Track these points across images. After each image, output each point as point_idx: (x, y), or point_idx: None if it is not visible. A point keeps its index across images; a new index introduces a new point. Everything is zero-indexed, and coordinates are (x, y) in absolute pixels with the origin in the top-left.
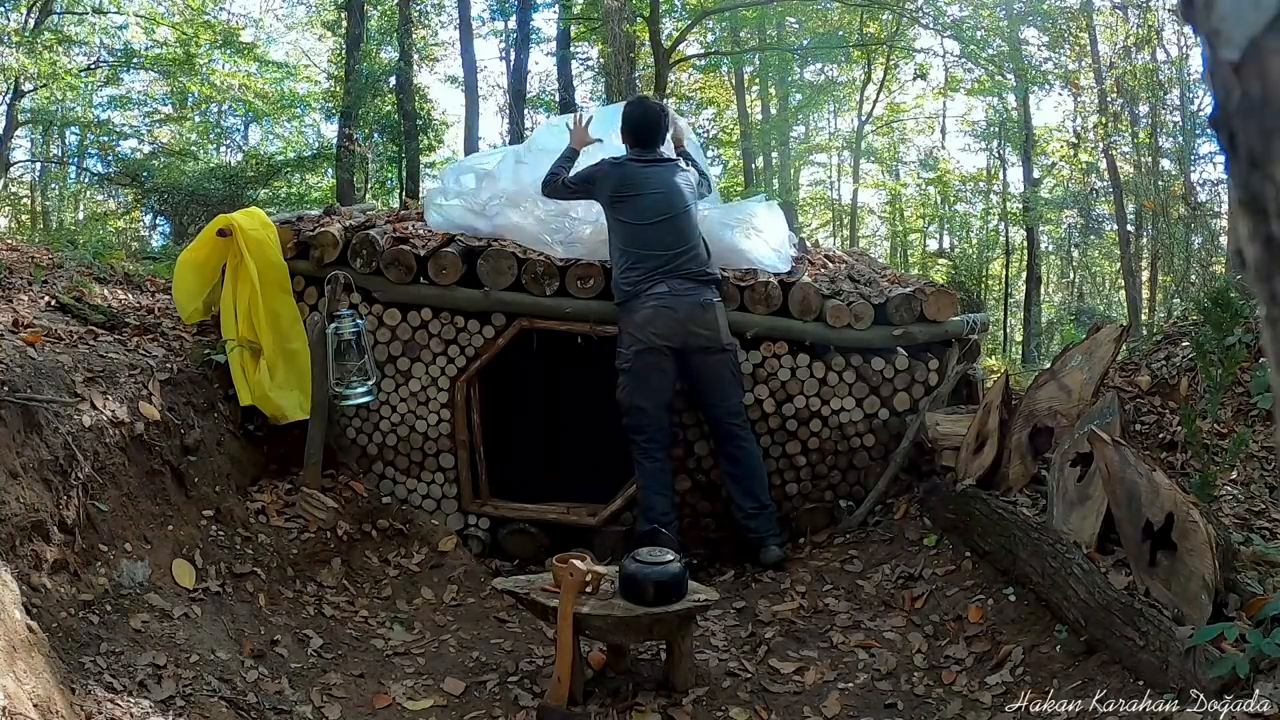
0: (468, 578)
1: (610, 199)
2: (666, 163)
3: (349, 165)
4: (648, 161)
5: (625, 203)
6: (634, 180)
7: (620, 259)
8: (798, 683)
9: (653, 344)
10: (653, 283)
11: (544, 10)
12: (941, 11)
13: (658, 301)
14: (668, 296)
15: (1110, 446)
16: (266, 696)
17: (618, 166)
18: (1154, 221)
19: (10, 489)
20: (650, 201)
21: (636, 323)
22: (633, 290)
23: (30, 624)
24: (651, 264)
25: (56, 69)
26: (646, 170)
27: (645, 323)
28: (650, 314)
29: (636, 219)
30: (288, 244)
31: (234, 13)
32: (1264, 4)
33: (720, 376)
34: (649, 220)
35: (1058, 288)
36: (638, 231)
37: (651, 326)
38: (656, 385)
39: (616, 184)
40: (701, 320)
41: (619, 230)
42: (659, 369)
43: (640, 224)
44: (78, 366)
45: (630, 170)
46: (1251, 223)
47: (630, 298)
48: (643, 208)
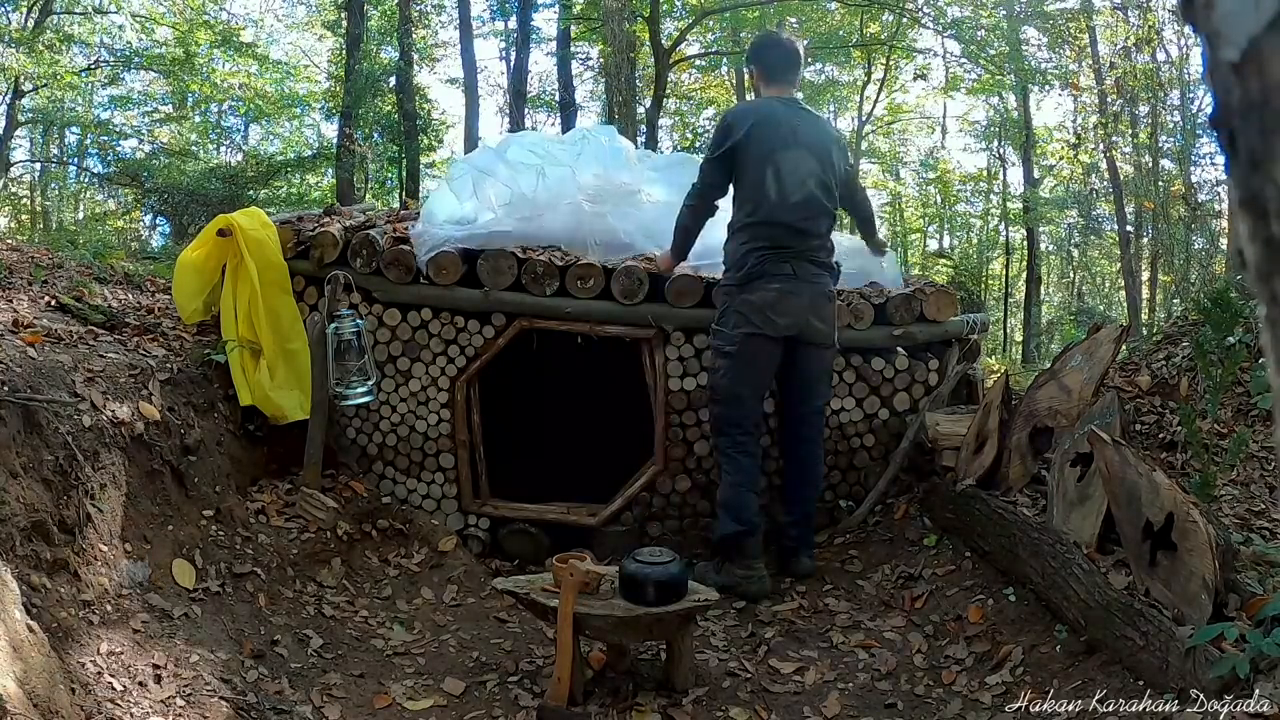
0: (468, 578)
1: (743, 143)
2: (816, 116)
3: (349, 165)
4: (791, 105)
5: (761, 156)
6: (776, 126)
7: (742, 231)
8: (798, 683)
9: (768, 330)
10: (778, 263)
11: (544, 10)
12: (942, 12)
13: (782, 285)
14: (793, 280)
15: (1110, 446)
16: (266, 696)
17: (754, 108)
18: (1154, 221)
19: (10, 489)
20: (794, 163)
21: (754, 304)
22: (757, 269)
23: (30, 624)
24: (781, 242)
25: (56, 69)
26: (794, 115)
27: (766, 306)
28: (773, 297)
29: (773, 182)
30: (288, 244)
31: (234, 13)
32: (1264, 4)
33: (820, 375)
34: (785, 189)
35: (1058, 288)
36: (772, 200)
37: (773, 310)
38: (762, 373)
39: (755, 127)
40: (823, 312)
41: (746, 190)
42: (768, 356)
43: (776, 191)
44: (78, 366)
45: (774, 113)
46: (1251, 223)
47: (750, 278)
48: (784, 169)
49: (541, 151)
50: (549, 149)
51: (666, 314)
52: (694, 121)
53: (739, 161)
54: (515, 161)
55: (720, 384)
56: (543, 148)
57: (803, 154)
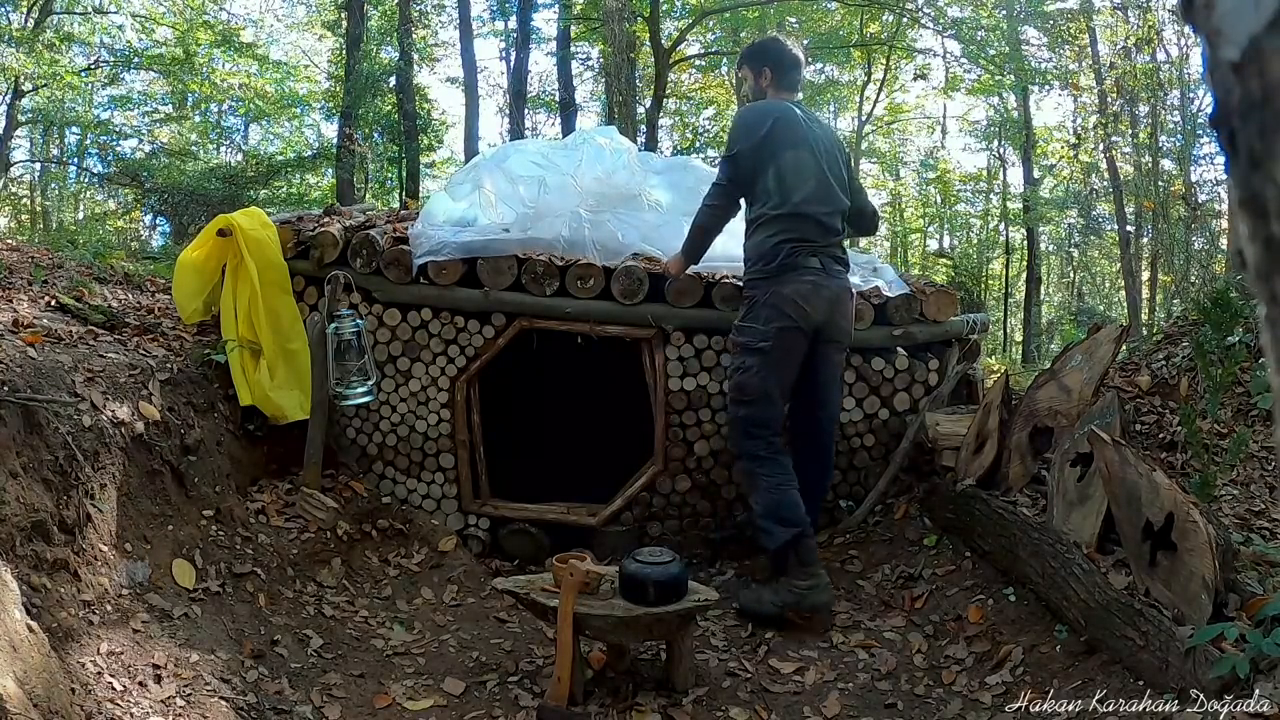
0: (468, 578)
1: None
2: (822, 121)
3: (349, 165)
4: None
5: (783, 152)
6: (794, 125)
7: (769, 224)
8: (798, 683)
9: (801, 323)
10: (807, 256)
11: (544, 10)
12: (942, 12)
13: (814, 277)
14: (822, 274)
15: (1110, 446)
16: (266, 696)
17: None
18: (1154, 221)
19: (10, 489)
20: (815, 160)
21: (787, 296)
22: (789, 262)
23: (30, 624)
24: (808, 235)
25: (56, 69)
26: (808, 117)
27: (800, 298)
28: (807, 290)
29: (794, 178)
30: (288, 244)
31: (234, 13)
32: (1264, 4)
33: (836, 376)
34: (807, 184)
35: (1058, 288)
36: (797, 194)
37: (807, 304)
38: (792, 371)
39: (777, 123)
40: (846, 309)
41: (771, 184)
42: (798, 352)
43: (799, 185)
44: (78, 366)
45: (791, 113)
46: (1251, 223)
47: (783, 269)
48: (802, 167)
49: (543, 160)
50: (550, 156)
51: (666, 314)
52: (694, 121)
53: (761, 157)
54: (517, 175)
55: (750, 383)
56: (544, 155)
57: (821, 152)
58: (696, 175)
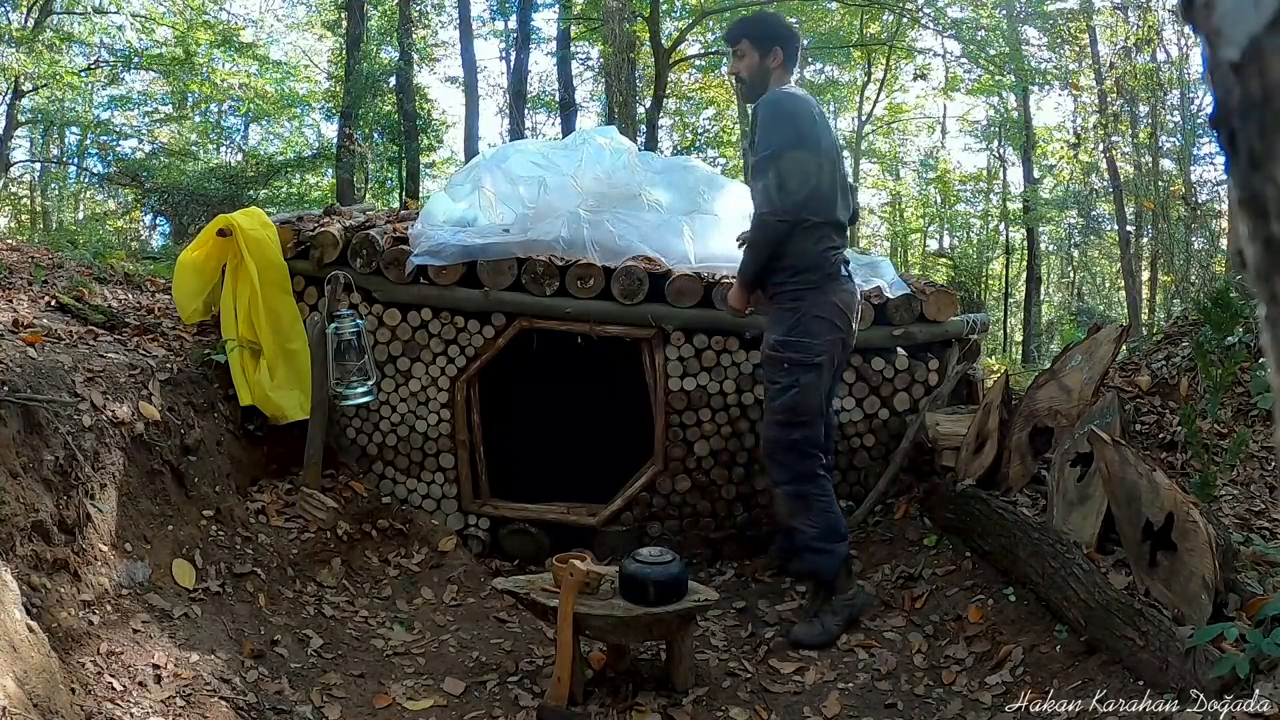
0: (468, 578)
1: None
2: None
3: (349, 165)
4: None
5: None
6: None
7: (814, 230)
8: (798, 683)
9: (845, 333)
10: (841, 262)
11: (544, 10)
12: (942, 12)
13: (850, 285)
14: (850, 281)
15: (1110, 446)
16: (266, 696)
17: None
18: (1154, 221)
19: (10, 489)
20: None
21: (837, 307)
22: (831, 270)
23: (30, 624)
24: (838, 240)
25: (56, 69)
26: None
27: (844, 307)
28: (848, 298)
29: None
30: (288, 244)
31: (234, 13)
32: (1264, 4)
33: (838, 379)
34: (835, 186)
35: (1058, 288)
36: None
37: (850, 312)
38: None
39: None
40: (861, 313)
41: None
42: (842, 364)
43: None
44: (78, 366)
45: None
46: (1251, 223)
47: (826, 279)
48: (830, 164)
49: (543, 160)
50: (550, 156)
51: (666, 314)
52: (694, 121)
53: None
54: (516, 175)
55: (807, 402)
56: (544, 156)
57: (836, 150)
58: (696, 175)
